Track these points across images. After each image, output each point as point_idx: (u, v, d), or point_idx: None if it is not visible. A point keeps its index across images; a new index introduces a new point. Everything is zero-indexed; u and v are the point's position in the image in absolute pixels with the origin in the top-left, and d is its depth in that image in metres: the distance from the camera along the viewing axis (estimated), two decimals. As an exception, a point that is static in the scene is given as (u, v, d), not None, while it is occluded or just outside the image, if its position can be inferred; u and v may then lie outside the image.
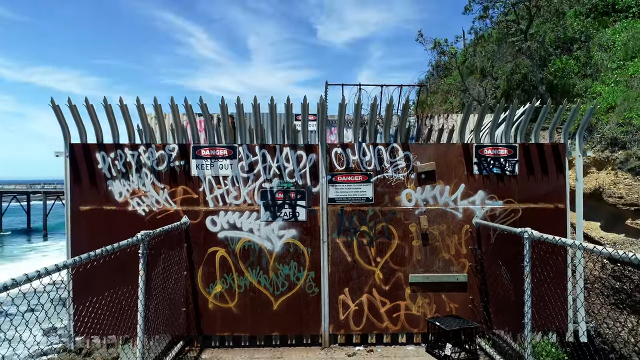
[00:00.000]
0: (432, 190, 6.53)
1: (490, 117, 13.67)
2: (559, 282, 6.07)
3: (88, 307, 5.90)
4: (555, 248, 5.50)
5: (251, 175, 6.52)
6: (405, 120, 6.68)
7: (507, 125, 6.75)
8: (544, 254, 5.19)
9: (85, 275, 5.62)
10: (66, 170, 6.43)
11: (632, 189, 11.59)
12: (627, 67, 15.96)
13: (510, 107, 6.86)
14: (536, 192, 6.56)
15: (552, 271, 5.56)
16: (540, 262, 5.22)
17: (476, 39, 20.33)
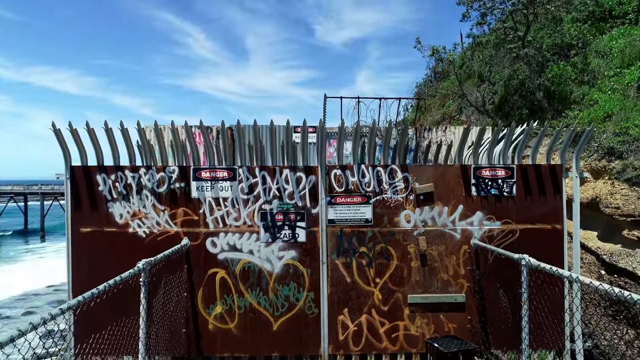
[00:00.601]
0: (431, 211, 6.59)
1: (489, 132, 13.74)
2: (556, 305, 6.14)
3: (88, 333, 5.93)
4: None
5: (251, 197, 6.56)
6: (404, 143, 6.73)
7: (505, 145, 6.81)
8: (542, 282, 5.25)
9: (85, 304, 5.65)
10: (67, 192, 6.46)
11: (629, 199, 11.66)
12: (623, 75, 16.05)
13: (508, 129, 6.92)
14: (534, 212, 6.62)
15: (549, 296, 5.63)
16: (537, 288, 5.29)
17: (474, 44, 20.38)
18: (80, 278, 6.39)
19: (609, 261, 11.06)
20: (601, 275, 11.27)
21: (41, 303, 34.54)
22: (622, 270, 10.66)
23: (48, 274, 42.38)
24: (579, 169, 6.80)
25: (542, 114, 18.52)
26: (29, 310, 31.91)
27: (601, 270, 11.35)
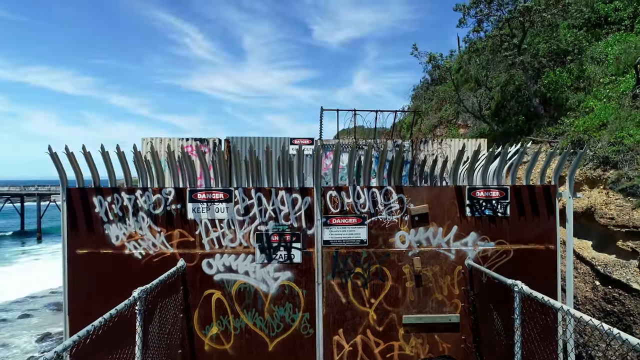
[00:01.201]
0: (426, 232, 6.64)
1: (484, 145, 13.79)
2: (549, 332, 6.19)
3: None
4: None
5: (247, 218, 6.60)
6: (398, 164, 6.78)
7: (500, 165, 6.86)
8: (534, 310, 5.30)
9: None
10: (63, 214, 6.48)
11: (623, 210, 11.74)
12: (618, 83, 16.12)
13: (502, 149, 6.97)
14: (527, 233, 6.68)
15: (542, 324, 5.68)
16: (530, 315, 5.33)
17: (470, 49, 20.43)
18: (77, 300, 6.42)
19: (603, 272, 11.15)
20: (595, 286, 11.35)
21: (38, 306, 34.45)
22: (616, 282, 10.74)
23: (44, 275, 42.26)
24: (572, 189, 6.85)
25: (538, 121, 18.61)
26: (25, 313, 31.84)
27: (595, 280, 11.44)
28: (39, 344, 26.39)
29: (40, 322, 30.90)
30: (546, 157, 6.88)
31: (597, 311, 11.06)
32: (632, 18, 19.03)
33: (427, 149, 11.73)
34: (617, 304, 10.50)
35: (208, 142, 11.49)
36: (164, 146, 11.36)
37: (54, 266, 46.16)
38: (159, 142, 11.20)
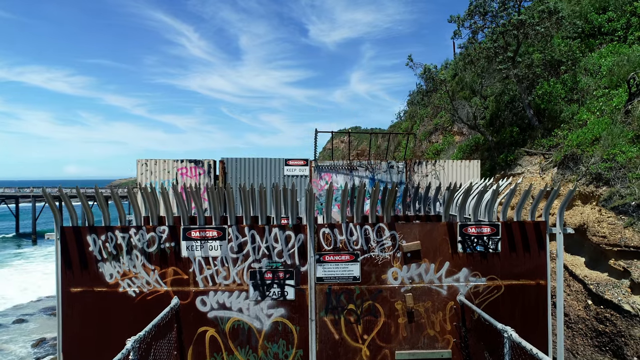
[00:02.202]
0: (418, 268, 6.70)
1: (478, 166, 13.85)
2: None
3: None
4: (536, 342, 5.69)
5: (240, 256, 6.64)
6: (391, 201, 6.83)
7: (491, 201, 6.93)
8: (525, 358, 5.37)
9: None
10: (57, 252, 6.51)
11: (615, 228, 11.84)
12: (612, 96, 16.21)
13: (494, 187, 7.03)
14: (518, 268, 6.75)
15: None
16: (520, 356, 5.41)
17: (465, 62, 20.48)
18: (71, 338, 6.45)
19: (595, 291, 11.26)
20: (588, 305, 11.46)
21: (32, 310, 34.37)
22: (608, 302, 10.86)
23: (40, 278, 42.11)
24: (562, 225, 6.92)
25: (532, 132, 18.72)
26: (20, 318, 31.78)
27: (588, 300, 11.55)
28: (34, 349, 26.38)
29: (35, 327, 30.83)
30: (537, 194, 6.94)
31: (589, 331, 11.18)
32: (625, 29, 19.13)
33: (421, 170, 11.78)
34: (609, 324, 10.62)
35: (203, 163, 11.49)
36: (159, 167, 11.36)
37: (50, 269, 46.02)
38: (153, 164, 11.19)
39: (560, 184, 15.57)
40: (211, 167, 11.39)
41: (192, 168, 11.34)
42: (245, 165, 11.52)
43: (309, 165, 11.57)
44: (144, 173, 11.18)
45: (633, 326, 10.14)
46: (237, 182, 11.50)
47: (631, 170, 12.67)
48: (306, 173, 11.65)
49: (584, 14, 20.25)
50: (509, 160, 18.22)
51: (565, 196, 6.86)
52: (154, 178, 11.13)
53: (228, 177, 11.50)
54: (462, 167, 12.07)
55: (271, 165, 11.61)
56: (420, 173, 11.69)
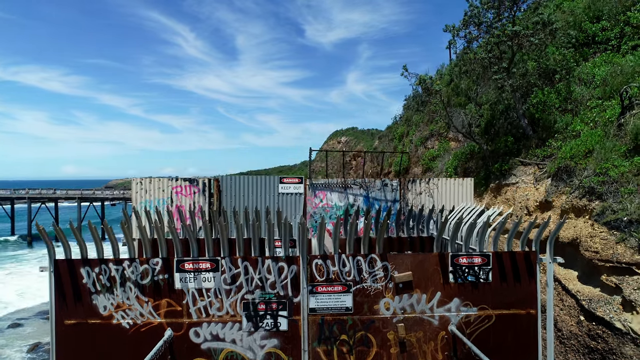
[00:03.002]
0: (410, 298, 6.76)
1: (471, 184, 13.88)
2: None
3: None
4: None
5: (233, 287, 6.69)
6: (382, 236, 6.89)
7: (482, 232, 6.99)
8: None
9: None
10: (51, 285, 6.54)
11: (608, 244, 11.93)
12: (605, 107, 16.30)
13: (486, 219, 7.10)
14: (509, 298, 6.83)
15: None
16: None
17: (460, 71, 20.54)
18: (65, 371, 6.49)
19: (587, 307, 11.36)
20: (580, 321, 11.57)
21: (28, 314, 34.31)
22: (599, 319, 10.96)
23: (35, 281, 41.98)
24: (552, 255, 6.99)
25: (526, 142, 18.79)
26: (15, 322, 31.75)
27: (580, 315, 11.65)
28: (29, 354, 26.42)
29: (31, 331, 30.79)
30: (527, 226, 7.01)
31: (582, 347, 11.29)
32: (619, 38, 19.21)
33: (415, 188, 11.85)
34: (601, 342, 10.72)
35: (198, 182, 11.51)
36: (154, 186, 11.36)
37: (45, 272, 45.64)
38: (148, 183, 11.20)
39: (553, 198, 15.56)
40: (206, 186, 11.41)
41: (187, 187, 11.36)
42: (240, 184, 11.56)
43: (304, 183, 11.62)
44: (139, 192, 11.20)
45: (624, 344, 10.25)
46: (232, 200, 11.54)
47: (623, 184, 12.76)
48: (301, 191, 11.69)
49: (578, 23, 20.33)
50: (504, 169, 18.31)
51: (555, 227, 6.93)
52: (149, 197, 11.15)
53: (223, 195, 11.54)
54: (455, 185, 12.15)
55: (266, 183, 11.64)
56: (414, 191, 11.75)
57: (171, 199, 11.22)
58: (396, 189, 11.70)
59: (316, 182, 11.85)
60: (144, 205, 11.05)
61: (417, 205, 11.46)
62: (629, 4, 19.82)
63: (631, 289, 10.68)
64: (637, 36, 18.99)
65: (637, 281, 10.83)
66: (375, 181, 11.64)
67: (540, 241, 6.96)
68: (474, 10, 18.05)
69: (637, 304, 10.36)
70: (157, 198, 11.19)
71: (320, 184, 11.81)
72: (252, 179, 11.68)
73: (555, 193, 15.30)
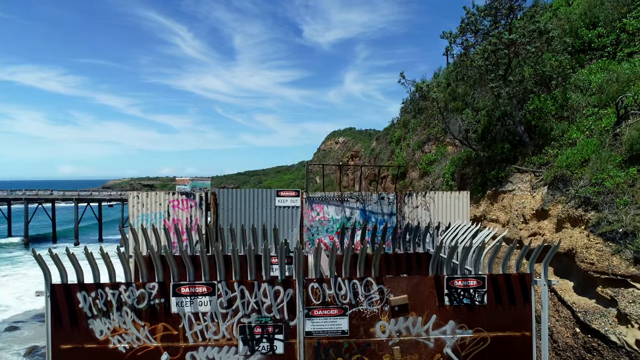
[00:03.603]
0: (405, 321, 6.80)
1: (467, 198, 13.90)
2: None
3: None
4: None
5: (230, 311, 6.71)
6: (378, 258, 6.91)
7: (478, 255, 7.02)
8: None
9: None
10: (47, 310, 6.55)
11: (603, 255, 11.98)
12: (601, 116, 16.35)
13: (480, 243, 7.13)
14: (504, 320, 6.87)
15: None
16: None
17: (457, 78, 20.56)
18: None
19: (583, 320, 11.41)
20: (576, 333, 11.63)
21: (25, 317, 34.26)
22: (595, 331, 11.02)
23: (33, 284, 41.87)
24: (546, 277, 7.03)
25: (523, 149, 18.84)
26: (12, 325, 31.71)
27: (576, 327, 11.71)
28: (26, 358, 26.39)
29: (29, 334, 30.76)
30: (522, 249, 7.04)
31: (577, 359, 11.34)
32: (615, 45, 19.26)
33: (411, 201, 11.88)
34: (596, 354, 10.79)
35: (194, 195, 11.51)
36: (151, 200, 11.35)
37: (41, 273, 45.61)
38: (145, 196, 11.20)
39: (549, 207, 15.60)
40: (202, 199, 11.42)
41: (183, 200, 11.37)
42: (237, 197, 11.57)
43: (300, 196, 11.64)
44: (136, 205, 11.19)
45: (619, 357, 10.31)
46: (229, 213, 11.55)
47: (619, 195, 12.80)
48: (297, 204, 11.71)
49: (574, 29, 20.37)
50: (500, 177, 18.36)
51: (550, 251, 6.97)
52: (146, 210, 11.15)
53: (220, 208, 11.55)
54: (451, 198, 12.19)
55: (262, 196, 11.65)
56: (411, 204, 11.78)
57: (168, 213, 11.22)
58: (393, 202, 11.74)
59: (313, 195, 11.87)
60: (141, 219, 11.06)
61: (413, 218, 11.50)
62: (625, 10, 19.86)
63: (626, 302, 10.74)
64: (633, 43, 19.04)
65: (632, 294, 10.88)
66: (371, 194, 11.68)
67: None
68: (470, 18, 18.07)
69: (632, 318, 10.42)
70: (154, 212, 11.20)
71: (317, 197, 11.82)
72: (248, 192, 11.68)
73: (552, 202, 15.34)
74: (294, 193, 11.70)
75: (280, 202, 11.58)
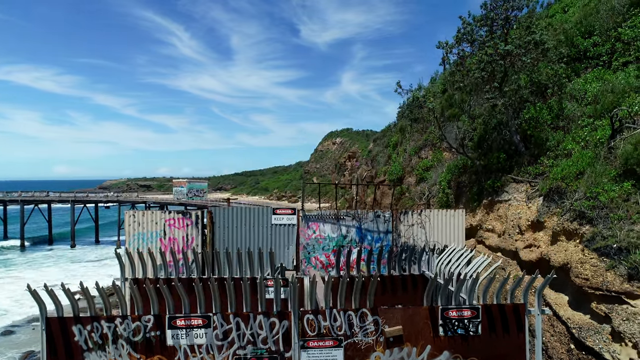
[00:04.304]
0: (400, 352, 6.84)
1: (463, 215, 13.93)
2: None
3: None
4: None
5: (225, 343, 6.74)
6: (373, 289, 6.95)
7: (472, 284, 7.07)
8: None
9: None
10: (42, 343, 6.56)
11: (598, 271, 12.05)
12: (596, 127, 16.40)
13: (473, 276, 7.17)
14: (498, 350, 6.92)
15: None
16: None
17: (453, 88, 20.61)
18: None
19: (577, 336, 11.49)
20: (570, 349, 11.72)
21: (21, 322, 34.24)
22: (589, 348, 11.09)
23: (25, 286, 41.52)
24: (540, 307, 7.08)
25: (519, 158, 18.90)
26: (8, 330, 31.70)
27: (570, 343, 11.79)
28: (22, 363, 26.36)
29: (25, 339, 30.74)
30: (516, 279, 7.09)
31: (571, 376, 11.42)
32: (610, 54, 19.32)
33: (407, 220, 11.92)
34: (591, 372, 10.86)
35: (191, 214, 11.52)
36: (147, 219, 11.34)
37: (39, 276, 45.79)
38: (141, 215, 11.20)
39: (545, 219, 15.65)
40: (199, 218, 11.42)
41: (179, 219, 11.36)
42: (233, 215, 11.58)
43: (297, 214, 11.67)
44: (132, 224, 11.19)
45: (613, 376, 10.39)
46: (225, 231, 11.56)
47: (613, 210, 12.86)
48: (294, 222, 11.74)
49: (570, 38, 20.43)
50: (496, 186, 18.44)
51: (544, 281, 7.01)
52: (142, 229, 11.15)
53: (216, 226, 11.56)
54: (447, 216, 12.24)
55: (259, 214, 11.66)
56: (407, 223, 11.83)
57: (164, 232, 11.23)
58: (388, 220, 11.78)
59: (309, 213, 11.89)
60: (137, 238, 11.07)
61: (409, 236, 11.55)
62: (620, 20, 19.92)
63: (620, 320, 10.80)
64: (628, 53, 19.10)
65: (626, 311, 10.95)
66: (367, 212, 11.72)
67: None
68: (467, 28, 18.12)
69: (626, 336, 10.49)
70: (150, 231, 11.20)
71: (313, 216, 11.85)
72: (244, 211, 11.69)
73: (547, 213, 15.40)
74: (290, 211, 11.72)
75: (276, 220, 11.60)
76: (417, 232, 11.84)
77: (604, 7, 21.12)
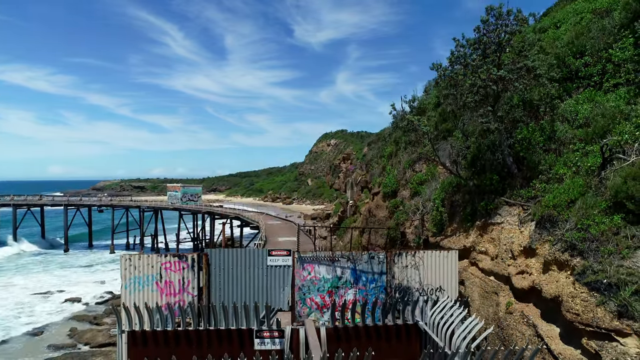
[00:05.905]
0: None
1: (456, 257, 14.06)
2: None
3: None
4: None
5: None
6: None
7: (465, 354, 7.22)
8: None
9: None
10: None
11: (588, 306, 12.24)
12: (587, 152, 16.56)
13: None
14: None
15: None
16: None
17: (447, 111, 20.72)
18: None
19: (568, 374, 11.69)
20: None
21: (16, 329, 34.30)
22: None
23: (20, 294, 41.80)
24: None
25: (512, 181, 19.07)
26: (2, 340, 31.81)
27: (561, 374, 11.99)
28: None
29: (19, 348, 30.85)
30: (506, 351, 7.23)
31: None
32: (601, 74, 19.48)
33: (401, 261, 12.05)
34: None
35: (187, 257, 11.55)
36: (143, 263, 11.35)
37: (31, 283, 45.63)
38: (137, 259, 11.22)
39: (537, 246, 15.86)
40: (195, 261, 11.45)
41: (175, 262, 11.40)
42: (229, 257, 11.63)
43: (292, 256, 11.75)
44: (128, 268, 11.21)
45: (604, 416, 10.60)
46: (221, 273, 11.61)
47: (603, 243, 13.04)
48: (289, 263, 11.81)
49: (562, 58, 20.57)
50: (489, 208, 18.60)
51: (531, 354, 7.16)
52: (138, 273, 11.17)
53: (212, 268, 11.61)
54: (440, 257, 12.39)
55: (254, 256, 11.72)
56: (401, 264, 11.96)
57: (160, 275, 11.26)
58: (383, 261, 11.91)
59: (304, 255, 11.98)
60: (134, 282, 11.10)
61: (403, 278, 11.68)
62: (611, 40, 20.10)
63: (610, 358, 11.01)
64: (619, 74, 19.30)
65: (615, 349, 11.17)
66: (362, 254, 11.84)
67: None
68: (460, 51, 18.22)
69: (616, 375, 10.71)
70: (146, 274, 11.22)
71: (308, 257, 11.93)
72: (240, 252, 11.75)
73: (539, 241, 15.58)
74: (286, 252, 11.81)
75: (272, 261, 11.68)
76: (411, 273, 11.97)
77: (595, 26, 21.28)
